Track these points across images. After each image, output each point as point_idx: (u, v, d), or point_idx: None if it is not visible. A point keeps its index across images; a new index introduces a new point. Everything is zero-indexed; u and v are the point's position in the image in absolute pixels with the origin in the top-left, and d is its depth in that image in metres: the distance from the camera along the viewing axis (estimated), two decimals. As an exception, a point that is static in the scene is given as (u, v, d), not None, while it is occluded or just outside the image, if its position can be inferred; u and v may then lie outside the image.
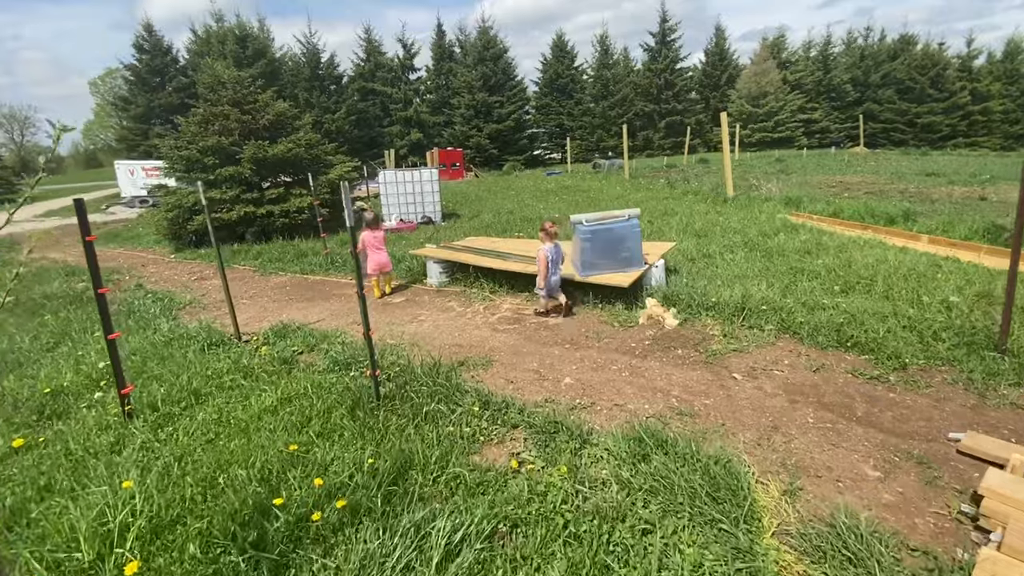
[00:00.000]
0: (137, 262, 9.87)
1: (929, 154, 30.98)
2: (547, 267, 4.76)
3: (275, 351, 4.32)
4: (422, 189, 12.02)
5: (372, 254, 6.24)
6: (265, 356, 4.17)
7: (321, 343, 4.54)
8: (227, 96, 10.53)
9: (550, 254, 4.80)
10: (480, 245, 6.76)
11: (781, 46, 47.72)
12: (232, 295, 6.59)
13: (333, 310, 5.79)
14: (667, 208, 11.55)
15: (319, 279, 7.33)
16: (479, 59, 40.38)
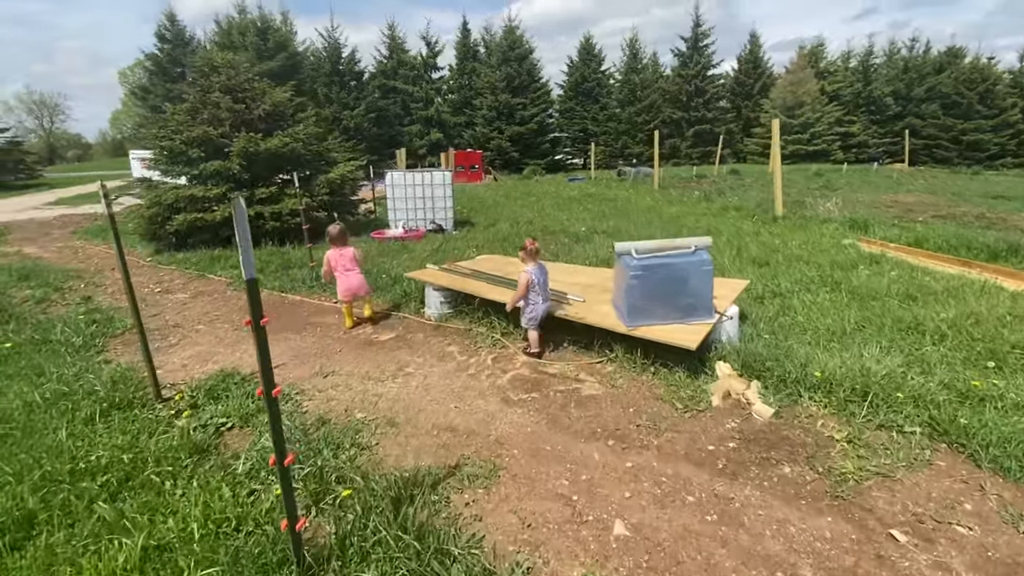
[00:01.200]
0: (108, 264, 8.78)
1: (982, 174, 28.90)
2: (526, 291, 3.90)
3: (198, 421, 3.07)
4: (433, 193, 10.77)
5: (340, 277, 5.01)
6: (178, 432, 2.91)
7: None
8: (219, 82, 9.42)
9: (534, 276, 3.89)
10: (490, 268, 5.45)
11: (820, 55, 45.71)
12: (188, 319, 5.41)
13: (302, 349, 4.53)
14: (709, 226, 10.13)
15: (298, 299, 6.10)
16: (503, 59, 39.23)
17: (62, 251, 10.47)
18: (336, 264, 5.06)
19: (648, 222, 10.94)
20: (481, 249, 8.39)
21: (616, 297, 4.03)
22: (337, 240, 5.02)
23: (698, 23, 43.82)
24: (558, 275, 5.14)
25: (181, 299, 6.32)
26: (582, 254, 7.52)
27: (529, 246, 3.97)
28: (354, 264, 5.03)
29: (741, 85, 46.87)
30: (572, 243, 8.62)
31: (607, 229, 10.05)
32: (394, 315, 5.33)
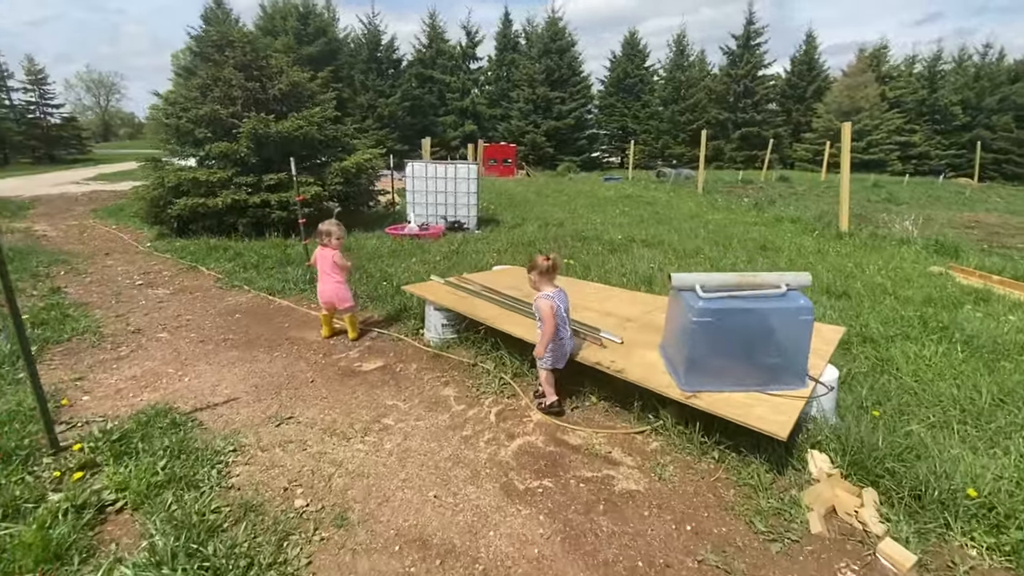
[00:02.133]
0: (106, 248, 8.20)
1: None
2: (555, 325, 2.91)
3: (76, 497, 2.21)
4: (456, 188, 9.86)
5: (319, 280, 4.22)
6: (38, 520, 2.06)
7: (183, 473, 2.40)
8: (233, 58, 8.71)
9: (559, 303, 2.95)
10: (507, 285, 4.49)
11: (882, 58, 42.80)
12: (154, 323, 4.65)
13: (266, 375, 3.67)
14: (763, 239, 8.90)
15: (286, 305, 5.27)
16: (544, 51, 38.02)
17: (70, 230, 10.03)
18: (318, 263, 4.25)
19: (692, 231, 9.77)
20: (502, 255, 7.44)
21: (669, 344, 3.01)
22: (320, 237, 4.17)
23: (751, 20, 41.61)
24: (587, 299, 4.14)
25: (159, 296, 5.58)
26: (617, 268, 6.48)
27: (541, 263, 3.00)
28: (334, 269, 4.16)
29: (793, 88, 44.37)
30: (607, 253, 7.57)
31: (646, 238, 8.95)
32: (387, 334, 4.43)
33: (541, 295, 2.98)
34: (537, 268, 3.00)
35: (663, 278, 5.92)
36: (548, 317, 2.92)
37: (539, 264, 3.00)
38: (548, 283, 3.03)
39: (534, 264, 3.02)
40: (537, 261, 3.01)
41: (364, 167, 9.42)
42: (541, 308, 2.94)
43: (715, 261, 7.07)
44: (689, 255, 7.55)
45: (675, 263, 6.93)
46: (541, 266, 2.99)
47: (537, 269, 3.00)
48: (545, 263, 2.99)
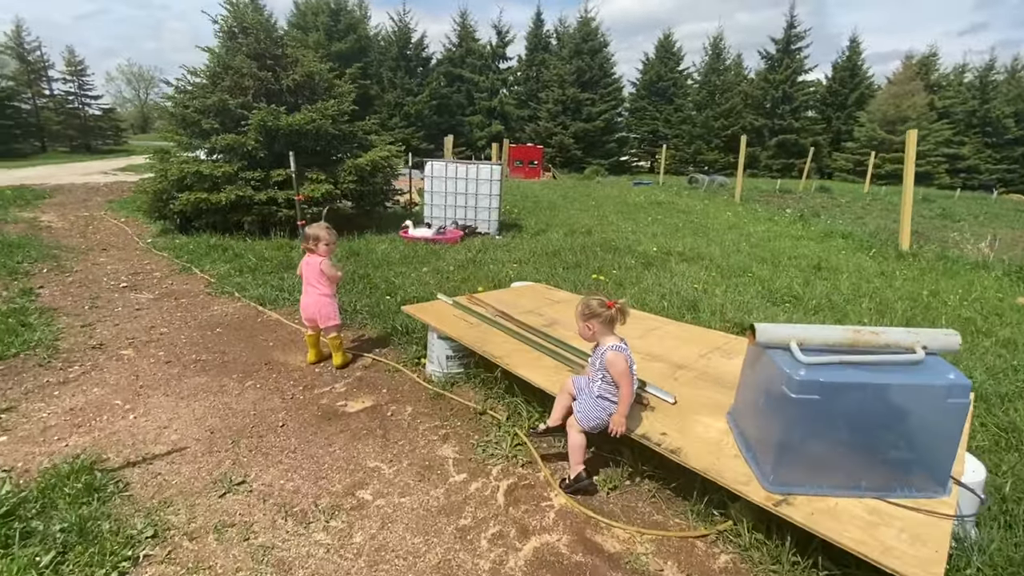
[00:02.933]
0: (106, 242, 7.76)
1: None
2: (632, 385, 2.20)
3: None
4: (477, 190, 9.18)
5: (303, 292, 3.60)
6: None
7: None
8: (246, 45, 8.19)
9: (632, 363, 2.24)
10: (528, 307, 3.75)
11: (931, 67, 40.67)
12: (121, 336, 4.06)
13: (230, 414, 3.02)
14: (816, 257, 7.97)
15: (274, 319, 4.64)
16: (575, 52, 37.21)
17: (77, 222, 9.69)
18: (302, 274, 3.59)
19: (734, 245, 8.88)
20: (523, 266, 6.71)
21: (744, 417, 2.22)
22: (307, 242, 3.50)
23: (792, 24, 40.02)
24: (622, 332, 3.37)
25: (140, 301, 5.02)
26: (655, 287, 5.68)
27: (604, 312, 2.28)
28: (320, 279, 3.49)
29: (834, 95, 42.54)
30: (641, 267, 6.77)
31: (684, 250, 8.10)
32: (383, 362, 3.74)
33: (611, 347, 2.25)
34: (598, 317, 2.27)
35: (710, 301, 5.11)
36: (626, 375, 2.21)
37: (599, 312, 2.26)
38: (610, 333, 2.29)
39: (592, 311, 2.28)
40: (595, 307, 2.28)
41: (380, 165, 8.80)
42: (615, 365, 2.22)
43: (767, 282, 6.20)
44: (735, 273, 6.70)
45: (721, 283, 6.09)
46: (603, 315, 2.26)
47: (598, 318, 2.27)
48: (609, 312, 2.26)
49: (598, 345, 2.33)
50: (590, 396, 2.33)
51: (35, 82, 41.35)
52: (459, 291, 5.35)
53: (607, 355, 2.22)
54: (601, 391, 2.29)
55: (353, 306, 4.78)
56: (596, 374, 2.31)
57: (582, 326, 2.32)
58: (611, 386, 2.27)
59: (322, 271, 3.46)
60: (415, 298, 4.89)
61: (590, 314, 2.27)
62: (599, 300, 2.29)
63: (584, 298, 2.34)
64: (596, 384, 2.31)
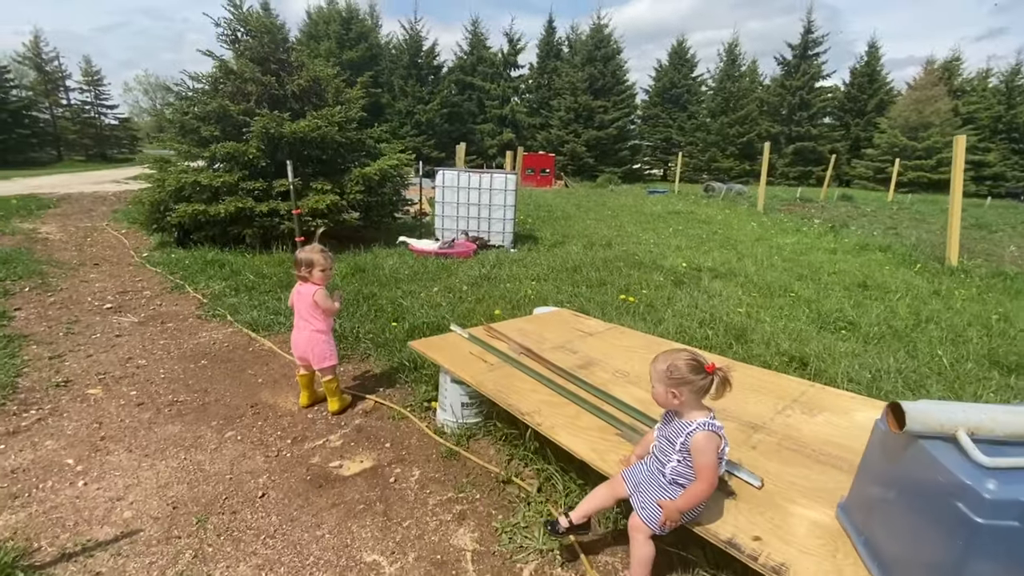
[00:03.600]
0: (100, 256, 7.36)
1: None
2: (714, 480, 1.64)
3: None
4: (491, 200, 8.66)
5: (295, 326, 3.09)
6: None
7: None
8: (249, 48, 7.78)
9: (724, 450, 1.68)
10: (553, 347, 3.20)
11: (955, 71, 39.69)
12: (94, 369, 3.57)
13: (204, 480, 2.49)
14: (858, 273, 7.32)
15: (267, 348, 4.13)
16: (588, 59, 36.83)
17: (76, 233, 9.34)
18: (293, 306, 3.07)
19: (766, 259, 8.25)
20: (542, 283, 6.16)
21: (875, 523, 1.62)
22: (298, 269, 2.97)
23: (809, 29, 39.34)
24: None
25: (122, 326, 4.54)
26: (692, 311, 5.09)
27: (697, 378, 1.68)
28: (313, 313, 2.96)
29: (853, 101, 41.71)
30: (671, 286, 6.19)
31: (714, 266, 7.51)
32: (386, 405, 3.20)
33: (701, 425, 1.67)
34: (689, 385, 1.67)
35: (757, 327, 4.51)
36: (712, 469, 1.64)
37: (691, 379, 1.67)
38: (701, 406, 1.73)
39: (683, 376, 1.67)
40: (685, 371, 1.68)
41: (389, 174, 8.33)
42: (704, 452, 1.64)
43: (813, 303, 5.59)
44: (775, 292, 6.09)
45: (763, 305, 5.49)
46: (697, 383, 1.67)
47: (689, 386, 1.68)
48: (707, 379, 1.68)
49: (678, 416, 1.76)
50: (659, 482, 1.77)
51: (52, 92, 41.89)
52: (473, 314, 4.81)
53: (696, 437, 1.66)
54: (676, 474, 1.73)
55: (355, 333, 4.26)
56: (672, 454, 1.74)
57: (664, 392, 1.75)
58: (689, 468, 1.70)
59: (316, 303, 2.94)
60: (424, 325, 4.35)
61: (680, 380, 1.69)
62: (691, 360, 1.71)
63: (669, 355, 1.76)
64: (671, 465, 1.74)
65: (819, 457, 2.12)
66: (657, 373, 1.77)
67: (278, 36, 7.94)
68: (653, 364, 1.80)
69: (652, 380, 1.80)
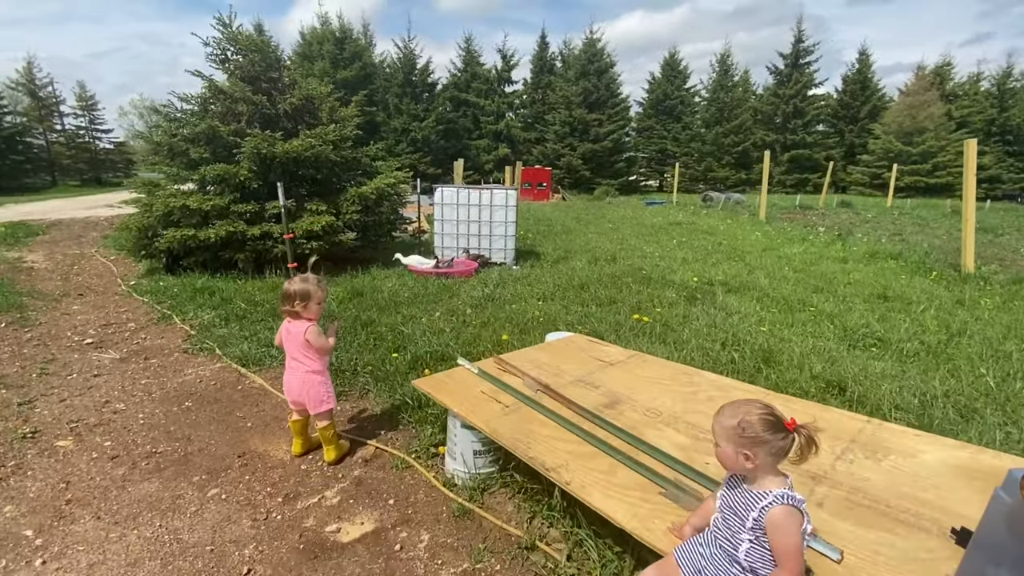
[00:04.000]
0: (85, 286, 7.05)
1: None
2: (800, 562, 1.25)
3: None
4: (491, 216, 8.40)
5: (286, 367, 2.77)
6: None
7: None
8: (240, 67, 7.57)
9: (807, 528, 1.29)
10: (572, 381, 2.90)
11: (946, 76, 39.99)
12: (66, 417, 3.26)
13: (181, 553, 2.16)
14: (876, 284, 7.05)
15: (258, 386, 3.80)
16: (581, 73, 36.99)
17: (63, 261, 9.03)
18: (283, 344, 2.76)
19: (777, 271, 7.97)
20: (549, 302, 5.86)
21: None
22: (289, 303, 2.66)
23: (800, 38, 39.70)
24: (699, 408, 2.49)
25: (102, 364, 4.21)
26: (710, 330, 4.79)
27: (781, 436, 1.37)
28: (306, 352, 2.66)
29: (846, 108, 41.96)
30: (685, 302, 5.90)
31: (725, 279, 7.23)
32: (387, 451, 2.88)
33: (778, 497, 1.34)
34: (765, 445, 1.37)
35: (783, 347, 4.21)
36: (797, 554, 1.32)
37: (768, 439, 1.36)
38: (777, 472, 1.41)
39: (757, 435, 1.36)
40: (760, 429, 1.37)
41: (386, 193, 8.07)
42: (784, 531, 1.32)
43: (836, 318, 5.30)
44: (793, 307, 5.79)
45: (784, 321, 5.19)
46: (774, 444, 1.36)
47: (765, 447, 1.37)
48: (787, 439, 1.37)
49: (748, 483, 1.45)
50: (731, 570, 1.45)
51: (46, 118, 41.88)
52: (479, 340, 4.51)
53: (773, 513, 1.34)
54: (750, 558, 1.41)
55: (353, 365, 3.95)
56: (743, 532, 1.43)
57: (732, 453, 1.43)
58: (767, 551, 1.39)
59: (308, 340, 2.63)
60: (428, 355, 4.04)
61: (753, 439, 1.38)
62: (767, 415, 1.39)
63: (737, 408, 1.45)
64: (743, 546, 1.42)
65: (898, 515, 1.81)
66: (724, 430, 1.46)
67: (269, 54, 7.74)
68: (718, 419, 1.50)
69: (716, 437, 1.50)
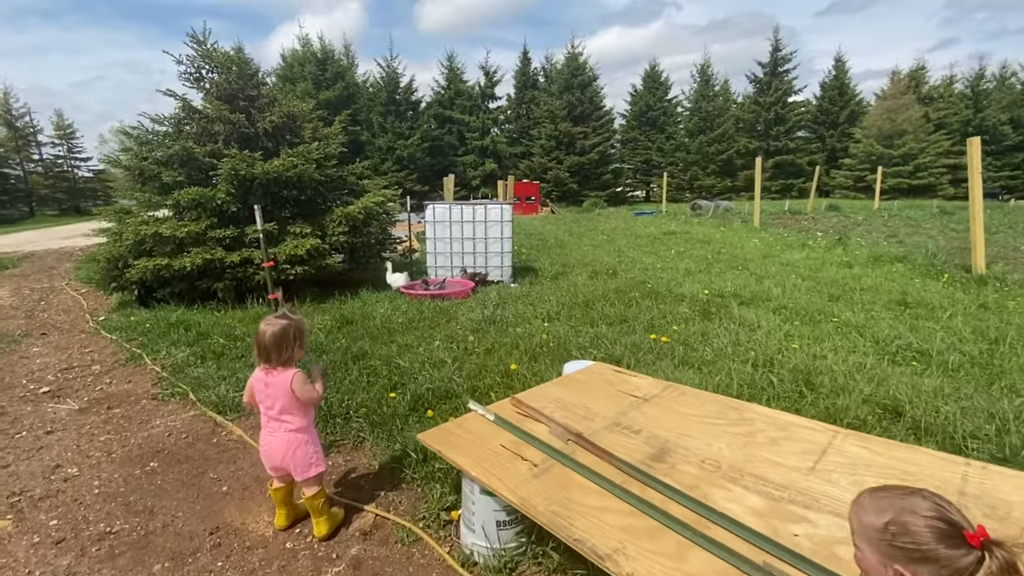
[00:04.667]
0: (50, 323, 6.49)
1: None
2: None
3: None
4: (486, 233, 8.01)
5: (263, 428, 2.29)
6: None
7: None
8: (215, 85, 7.15)
9: None
10: (608, 413, 2.51)
11: (921, 79, 40.81)
12: (13, 486, 2.72)
13: None
14: (891, 290, 6.75)
15: (236, 437, 3.31)
16: (565, 87, 37.14)
17: (30, 296, 8.46)
18: (254, 402, 2.29)
19: (787, 280, 7.64)
20: (555, 322, 5.44)
21: None
22: (264, 352, 2.20)
23: (777, 47, 40.35)
24: (760, 451, 2.08)
25: (58, 418, 3.70)
26: (735, 349, 4.40)
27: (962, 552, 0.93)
28: (289, 407, 2.20)
29: (825, 113, 42.58)
30: (700, 318, 5.51)
31: (736, 290, 6.87)
32: (392, 520, 2.41)
33: None
34: (932, 563, 0.94)
35: (819, 364, 3.82)
36: None
37: (936, 552, 0.95)
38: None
39: (917, 546, 0.96)
40: (920, 534, 0.95)
41: (375, 212, 7.65)
42: None
43: (863, 330, 4.94)
44: (815, 318, 5.44)
45: (810, 335, 4.81)
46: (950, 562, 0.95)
47: (931, 565, 0.95)
48: (966, 555, 0.93)
49: None
50: None
51: (23, 148, 40.99)
52: (485, 370, 4.06)
53: None
54: None
55: (345, 408, 3.47)
56: None
57: (877, 563, 1.01)
58: None
59: (293, 391, 2.18)
60: (430, 393, 3.59)
61: (914, 552, 0.96)
62: (938, 519, 0.96)
63: (888, 498, 1.02)
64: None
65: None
66: (866, 530, 1.04)
67: (246, 71, 7.33)
68: (856, 511, 1.08)
69: (855, 535, 1.08)
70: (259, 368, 2.22)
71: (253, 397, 2.27)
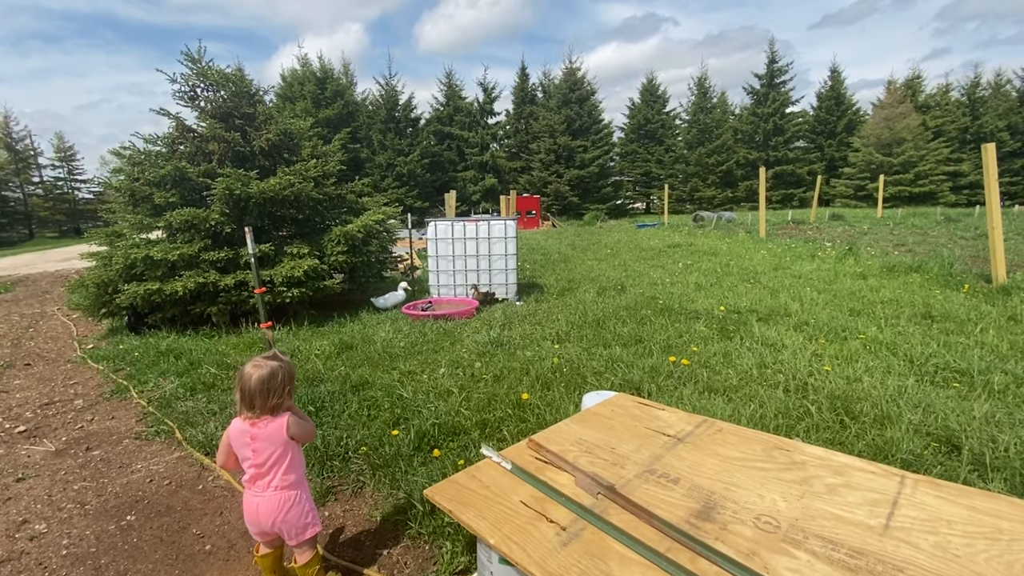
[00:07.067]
0: (34, 353, 6.20)
1: None
2: None
3: None
4: (491, 250, 7.75)
5: (246, 489, 1.95)
6: None
7: None
8: (210, 103, 6.96)
9: None
10: (643, 484, 2.19)
11: (918, 88, 40.95)
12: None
13: None
14: (914, 303, 6.47)
15: (223, 484, 3.01)
16: (564, 101, 37.26)
17: (19, 323, 8.18)
18: (237, 453, 1.98)
19: (802, 293, 7.36)
20: (566, 344, 5.15)
21: None
22: (247, 399, 1.91)
23: (774, 59, 40.57)
24: (819, 503, 1.77)
25: (31, 462, 3.39)
26: (758, 371, 4.10)
27: None
28: (282, 463, 1.91)
29: (823, 123, 42.64)
30: (718, 337, 5.22)
31: (752, 306, 6.59)
32: (401, 586, 2.11)
33: None
34: None
35: (859, 390, 3.52)
36: None
37: None
38: None
39: None
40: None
41: (375, 230, 7.40)
42: None
43: (894, 348, 4.65)
44: (839, 336, 5.14)
45: (839, 354, 4.52)
46: None
47: None
48: None
49: None
50: None
51: (24, 170, 41.08)
52: (495, 401, 3.76)
53: None
54: None
55: (344, 448, 3.17)
56: None
57: None
58: None
59: (292, 440, 1.89)
60: (436, 428, 3.29)
61: None
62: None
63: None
64: None
65: None
66: None
67: (242, 88, 7.14)
68: None
69: None
70: (240, 418, 1.93)
71: (231, 457, 1.97)
